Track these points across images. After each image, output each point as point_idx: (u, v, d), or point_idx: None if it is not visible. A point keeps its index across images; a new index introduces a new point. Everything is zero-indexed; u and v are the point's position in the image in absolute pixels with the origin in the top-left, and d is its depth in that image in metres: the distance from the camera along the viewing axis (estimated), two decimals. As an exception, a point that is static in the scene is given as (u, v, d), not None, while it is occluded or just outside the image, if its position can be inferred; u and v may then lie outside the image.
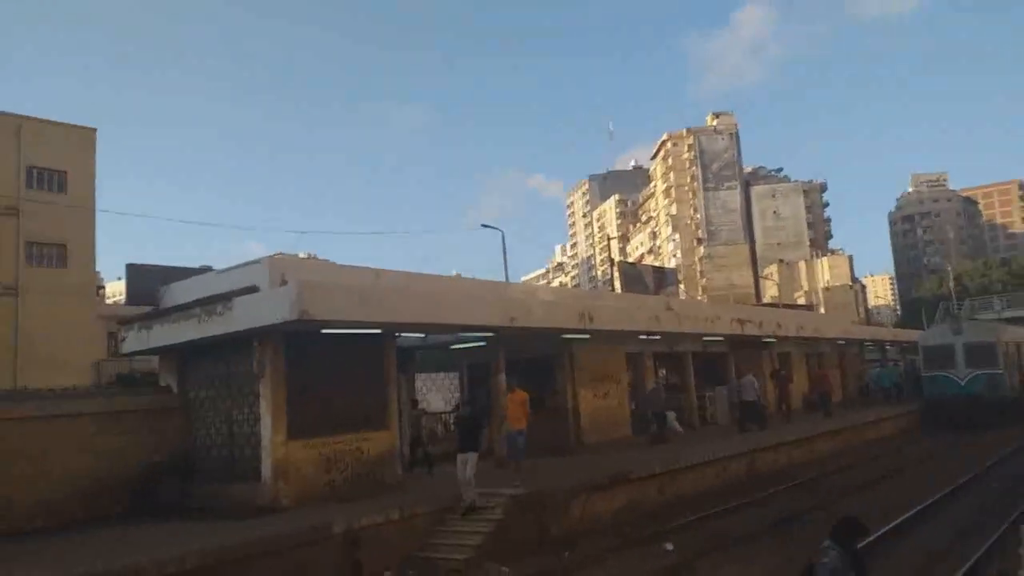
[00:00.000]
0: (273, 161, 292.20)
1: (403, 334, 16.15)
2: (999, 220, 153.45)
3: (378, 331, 14.62)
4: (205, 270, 17.25)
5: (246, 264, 14.33)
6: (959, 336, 30.08)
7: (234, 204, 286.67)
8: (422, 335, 17.72)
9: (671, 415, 22.99)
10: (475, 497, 12.90)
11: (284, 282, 12.99)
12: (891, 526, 12.96)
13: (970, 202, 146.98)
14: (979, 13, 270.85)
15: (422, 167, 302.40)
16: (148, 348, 15.33)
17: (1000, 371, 29.01)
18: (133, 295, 16.62)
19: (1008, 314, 60.37)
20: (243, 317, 13.04)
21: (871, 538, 12.16)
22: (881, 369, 37.90)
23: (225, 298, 13.45)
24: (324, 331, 13.61)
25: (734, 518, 15.01)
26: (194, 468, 15.03)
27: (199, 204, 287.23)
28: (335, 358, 14.60)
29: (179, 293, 15.15)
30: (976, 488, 17.31)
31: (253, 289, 13.38)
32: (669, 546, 12.85)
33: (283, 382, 13.70)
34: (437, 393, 28.09)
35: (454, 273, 28.97)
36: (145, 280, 15.87)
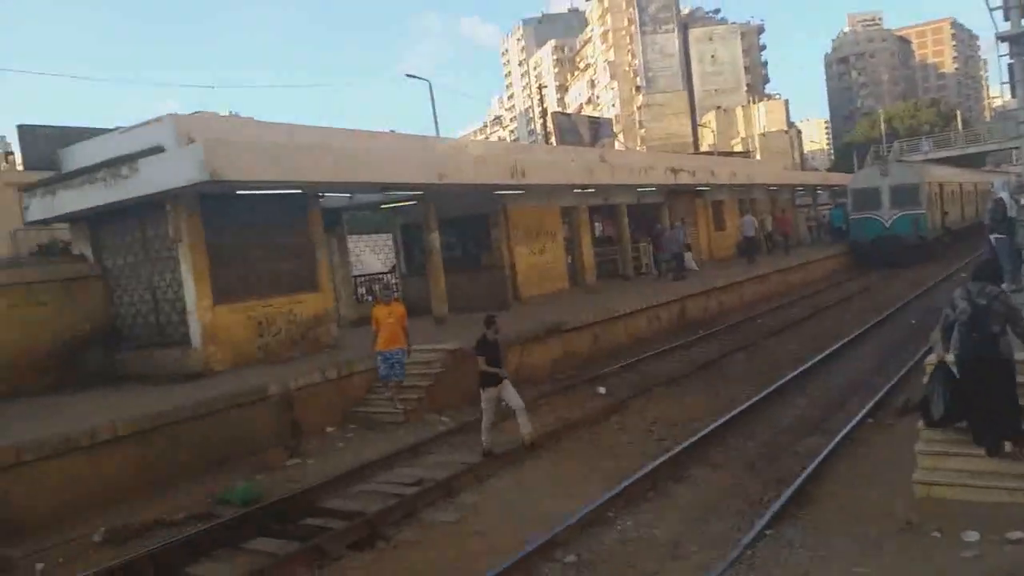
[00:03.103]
0: (193, 15, 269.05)
1: (327, 194, 15.57)
2: (931, 60, 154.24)
3: (298, 191, 14.03)
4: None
5: (149, 122, 13.33)
6: (886, 178, 30.63)
7: (151, 60, 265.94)
8: (347, 195, 17.14)
9: (688, 254, 24.26)
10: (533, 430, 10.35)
11: (192, 141, 12.18)
12: (818, 359, 13.62)
13: (904, 42, 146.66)
14: None
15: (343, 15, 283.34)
16: (55, 216, 14.44)
17: (923, 211, 29.88)
18: (29, 160, 15.34)
19: (935, 155, 61.79)
20: (151, 179, 12.28)
21: (794, 373, 12.80)
22: (834, 210, 38.67)
23: (129, 159, 12.60)
24: (240, 192, 12.97)
25: (664, 362, 15.54)
26: (120, 336, 14.66)
27: (112, 59, 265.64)
28: (257, 220, 14.09)
29: (81, 155, 14.12)
30: (898, 319, 18.15)
31: (159, 149, 12.54)
32: (602, 390, 13.37)
33: (203, 246, 13.22)
34: (372, 254, 27.86)
35: (388, 130, 27.68)
36: (41, 143, 14.63)
